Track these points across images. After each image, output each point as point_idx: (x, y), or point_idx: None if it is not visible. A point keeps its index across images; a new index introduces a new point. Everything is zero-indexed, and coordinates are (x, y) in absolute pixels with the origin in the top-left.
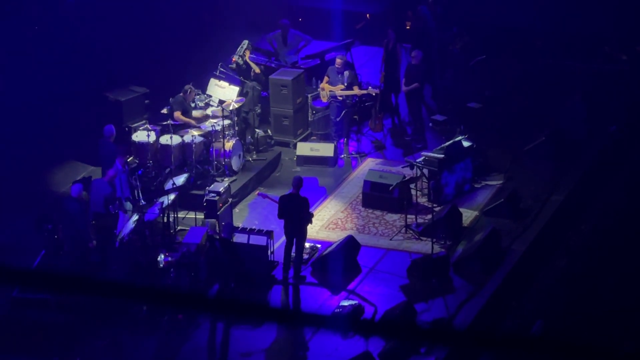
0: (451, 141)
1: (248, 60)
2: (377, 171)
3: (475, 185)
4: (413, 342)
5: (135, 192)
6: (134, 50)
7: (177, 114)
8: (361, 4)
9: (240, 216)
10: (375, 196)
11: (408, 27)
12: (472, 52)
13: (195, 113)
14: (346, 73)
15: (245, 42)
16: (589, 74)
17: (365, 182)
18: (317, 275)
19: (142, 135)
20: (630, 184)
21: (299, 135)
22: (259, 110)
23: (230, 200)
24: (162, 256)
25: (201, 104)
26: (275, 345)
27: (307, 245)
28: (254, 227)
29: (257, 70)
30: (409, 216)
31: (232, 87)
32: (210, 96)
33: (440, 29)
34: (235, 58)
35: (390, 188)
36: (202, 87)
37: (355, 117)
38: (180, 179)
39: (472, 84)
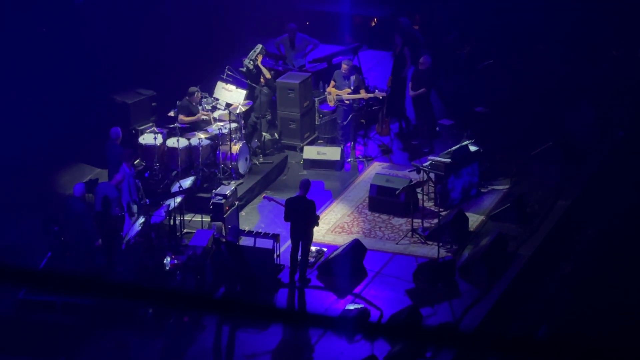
0: (458, 145)
1: (260, 65)
2: (383, 175)
3: (482, 190)
4: (419, 346)
5: (140, 192)
6: (141, 52)
7: (182, 117)
8: (369, 8)
9: (247, 219)
10: (382, 200)
11: (416, 28)
12: (480, 57)
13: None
14: (353, 77)
15: (259, 46)
16: (597, 79)
17: (372, 186)
18: (323, 278)
19: (149, 138)
20: (637, 190)
21: (306, 139)
22: (269, 117)
23: (236, 203)
24: (168, 259)
25: (208, 107)
26: (281, 349)
27: (313, 248)
28: (260, 231)
29: (268, 75)
30: (415, 220)
31: (239, 90)
32: (217, 99)
33: (441, 33)
34: (246, 62)
35: (397, 192)
36: (210, 90)
37: (362, 121)
38: (187, 182)
39: (479, 88)
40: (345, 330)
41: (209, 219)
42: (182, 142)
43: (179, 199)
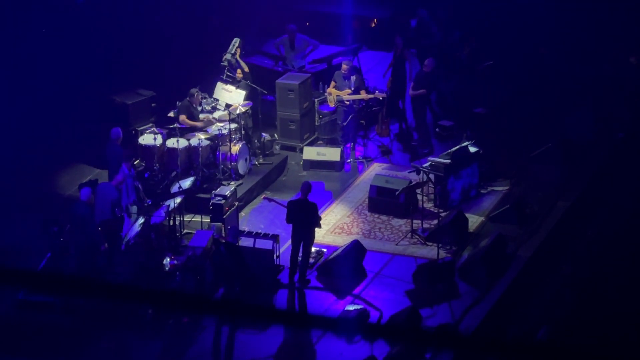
0: (458, 147)
1: (239, 58)
2: (383, 176)
3: (482, 191)
4: (418, 347)
5: (140, 193)
6: (141, 53)
7: (183, 118)
8: (369, 9)
9: (246, 220)
10: (382, 201)
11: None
12: (480, 58)
13: (201, 116)
14: (353, 78)
15: (237, 40)
16: (597, 80)
17: (372, 186)
18: (323, 279)
19: (148, 139)
20: (636, 190)
21: (306, 140)
22: (249, 111)
23: (236, 204)
24: (168, 259)
25: (208, 108)
26: (280, 350)
27: (313, 249)
28: (259, 231)
29: (247, 69)
30: (415, 221)
31: (239, 91)
32: (217, 100)
33: (444, 34)
34: (227, 56)
35: (397, 193)
36: (209, 91)
37: (362, 121)
38: (187, 182)
39: (479, 89)
40: (345, 331)
41: (209, 220)
42: (182, 143)
43: (178, 200)
